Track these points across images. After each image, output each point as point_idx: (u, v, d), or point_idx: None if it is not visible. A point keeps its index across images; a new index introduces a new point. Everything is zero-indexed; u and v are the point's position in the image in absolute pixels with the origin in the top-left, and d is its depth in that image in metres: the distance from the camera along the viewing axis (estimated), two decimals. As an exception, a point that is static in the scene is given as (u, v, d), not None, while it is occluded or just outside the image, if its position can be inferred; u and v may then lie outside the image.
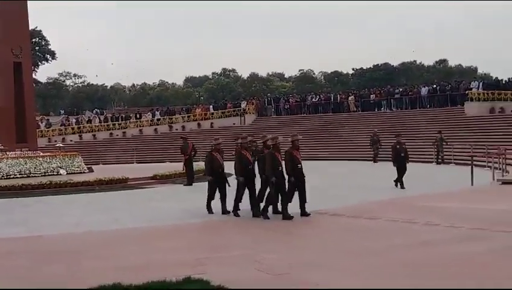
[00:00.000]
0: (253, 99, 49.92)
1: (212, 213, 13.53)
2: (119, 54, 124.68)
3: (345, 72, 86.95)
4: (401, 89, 42.92)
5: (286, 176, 12.62)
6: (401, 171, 18.32)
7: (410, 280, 7.06)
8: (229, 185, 13.63)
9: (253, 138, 15.49)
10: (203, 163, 15.49)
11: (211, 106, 49.84)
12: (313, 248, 9.49)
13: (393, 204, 14.55)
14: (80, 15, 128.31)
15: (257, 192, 13.28)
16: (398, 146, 18.88)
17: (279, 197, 12.54)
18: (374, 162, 30.76)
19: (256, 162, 13.71)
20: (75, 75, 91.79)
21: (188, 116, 47.46)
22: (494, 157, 21.05)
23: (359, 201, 14.98)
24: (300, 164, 12.74)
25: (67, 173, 25.20)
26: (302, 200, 12.61)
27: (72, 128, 46.74)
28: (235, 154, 13.61)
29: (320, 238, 10.68)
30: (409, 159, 19.03)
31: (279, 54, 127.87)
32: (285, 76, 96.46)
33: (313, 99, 45.36)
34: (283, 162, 12.68)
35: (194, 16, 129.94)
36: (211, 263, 8.13)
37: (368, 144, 32.50)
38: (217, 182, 13.68)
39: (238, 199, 13.31)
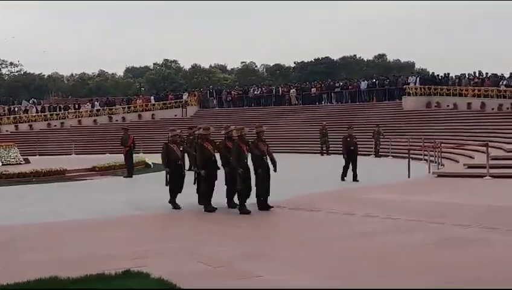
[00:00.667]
0: (195, 91, 49.66)
1: (179, 208, 12.95)
2: (59, 43, 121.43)
3: (286, 65, 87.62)
4: (341, 83, 43.59)
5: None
6: (353, 163, 18.46)
7: (347, 270, 7.18)
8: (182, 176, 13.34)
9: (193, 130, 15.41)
10: (140, 155, 15.29)
11: (152, 97, 49.30)
12: (255, 240, 9.54)
13: (334, 196, 14.77)
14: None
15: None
16: (349, 138, 18.96)
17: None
18: (322, 155, 31.03)
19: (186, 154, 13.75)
20: (11, 64, 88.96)
21: (129, 108, 46.80)
22: (430, 151, 21.65)
23: (301, 193, 15.11)
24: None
25: (2, 164, 24.45)
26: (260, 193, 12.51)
27: (8, 118, 45.35)
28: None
29: (262, 230, 10.75)
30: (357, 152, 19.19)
31: (221, 45, 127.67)
32: (228, 68, 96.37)
33: (255, 92, 45.51)
34: (249, 154, 12.50)
35: (135, 5, 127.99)
36: (151, 256, 8.05)
37: (312, 137, 32.88)
38: (174, 175, 13.27)
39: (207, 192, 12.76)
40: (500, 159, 19.60)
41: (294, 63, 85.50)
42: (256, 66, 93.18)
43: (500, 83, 32.76)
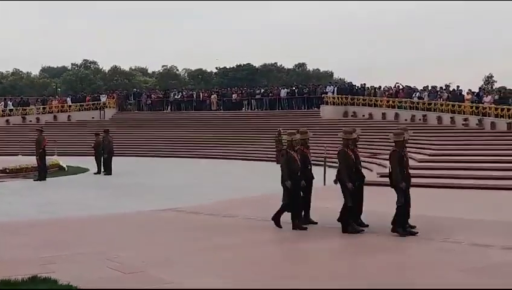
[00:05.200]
0: (114, 93, 48.70)
1: (281, 227, 10.68)
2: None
3: (208, 70, 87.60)
4: (262, 90, 43.99)
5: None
6: None
7: (258, 274, 7.25)
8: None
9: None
10: (54, 157, 14.78)
11: (69, 98, 47.87)
12: (168, 246, 9.45)
13: (253, 202, 14.85)
14: None
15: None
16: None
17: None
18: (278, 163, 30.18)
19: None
20: None
21: (44, 108, 45.29)
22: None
23: (219, 199, 15.11)
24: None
25: None
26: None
27: None
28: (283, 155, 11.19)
29: (176, 235, 10.65)
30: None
31: (142, 48, 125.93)
32: (149, 71, 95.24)
33: (176, 96, 45.19)
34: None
35: (55, 3, 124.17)
36: (61, 261, 7.83)
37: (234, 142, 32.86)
38: (297, 188, 10.87)
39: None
40: (412, 168, 20.31)
41: (216, 68, 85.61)
42: (177, 70, 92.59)
43: (414, 94, 34.06)
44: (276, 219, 10.80)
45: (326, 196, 16.27)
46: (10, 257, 8.20)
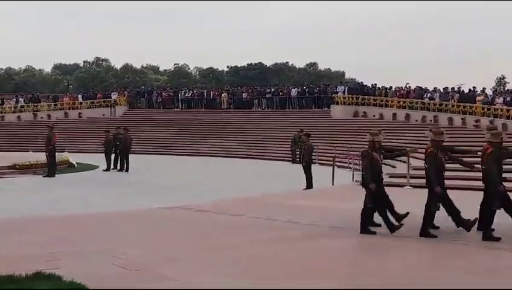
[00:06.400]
0: (125, 90, 48.83)
1: (374, 234, 9.95)
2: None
3: (220, 69, 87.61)
4: (272, 89, 43.91)
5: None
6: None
7: (262, 272, 7.20)
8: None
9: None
10: (64, 154, 14.83)
11: (80, 96, 48.09)
12: (175, 243, 9.41)
13: (259, 201, 14.80)
14: None
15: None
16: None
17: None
18: (293, 162, 29.63)
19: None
20: None
21: (55, 105, 45.50)
22: (355, 159, 22.06)
23: (227, 197, 15.09)
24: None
25: None
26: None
27: None
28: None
29: (184, 233, 10.62)
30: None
31: (154, 46, 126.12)
32: (160, 69, 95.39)
33: (186, 94, 45.23)
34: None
35: (68, 2, 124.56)
36: (66, 258, 7.81)
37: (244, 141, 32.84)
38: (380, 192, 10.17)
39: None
40: (421, 169, 20.16)
41: (227, 67, 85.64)
42: (189, 69, 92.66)
43: (425, 95, 33.90)
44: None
45: (334, 196, 16.25)
46: (18, 253, 8.19)
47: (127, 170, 23.49)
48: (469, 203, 10.25)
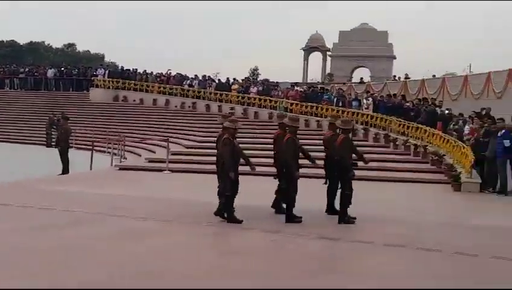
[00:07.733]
0: None
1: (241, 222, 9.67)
2: None
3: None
4: (26, 69, 41.39)
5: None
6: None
7: (23, 265, 6.81)
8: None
9: None
10: None
11: None
12: None
13: (10, 187, 13.89)
14: None
15: None
16: None
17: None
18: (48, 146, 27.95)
19: None
20: None
21: None
22: (114, 144, 21.84)
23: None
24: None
25: None
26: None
27: None
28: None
29: None
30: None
31: None
32: None
33: None
34: None
35: None
36: None
37: None
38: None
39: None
40: (179, 154, 20.76)
41: (-26, 43, 78.29)
42: None
43: (184, 82, 34.74)
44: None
45: (91, 181, 15.90)
46: None
47: None
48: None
